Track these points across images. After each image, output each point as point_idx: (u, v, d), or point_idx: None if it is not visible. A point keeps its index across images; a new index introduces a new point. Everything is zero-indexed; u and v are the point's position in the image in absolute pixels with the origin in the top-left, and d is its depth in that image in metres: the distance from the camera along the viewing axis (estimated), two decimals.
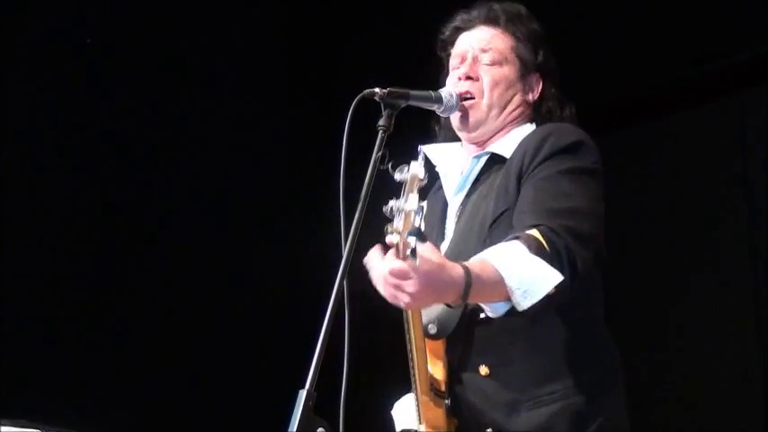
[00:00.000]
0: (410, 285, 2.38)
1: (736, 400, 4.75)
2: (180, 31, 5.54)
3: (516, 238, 2.60)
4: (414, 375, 2.71)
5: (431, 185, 3.04)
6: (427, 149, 3.02)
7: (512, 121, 2.96)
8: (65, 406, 4.66)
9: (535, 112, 2.98)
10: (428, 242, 2.41)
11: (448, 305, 2.61)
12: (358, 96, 2.72)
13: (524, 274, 2.54)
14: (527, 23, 3.00)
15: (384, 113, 2.72)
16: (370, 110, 2.74)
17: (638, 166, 5.04)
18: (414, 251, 2.31)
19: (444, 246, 2.88)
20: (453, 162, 3.01)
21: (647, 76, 5.03)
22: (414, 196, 2.28)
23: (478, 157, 2.93)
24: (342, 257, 2.54)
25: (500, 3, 3.02)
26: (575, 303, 2.69)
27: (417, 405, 2.75)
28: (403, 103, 2.76)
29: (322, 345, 2.43)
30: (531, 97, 2.98)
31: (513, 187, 2.76)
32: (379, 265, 2.41)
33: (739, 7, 4.74)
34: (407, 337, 2.67)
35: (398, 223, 2.29)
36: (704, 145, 4.98)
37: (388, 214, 2.31)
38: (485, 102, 2.94)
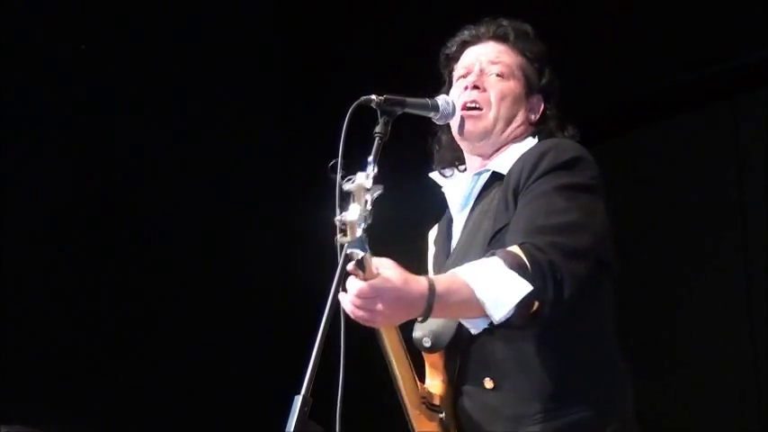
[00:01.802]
0: (377, 304, 2.43)
1: (731, 416, 4.76)
2: (174, 35, 5.55)
3: (493, 254, 2.60)
4: (399, 389, 2.71)
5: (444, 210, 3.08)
6: (433, 176, 3.04)
7: (514, 139, 2.94)
8: (62, 411, 4.66)
9: (537, 132, 2.96)
10: (386, 259, 2.46)
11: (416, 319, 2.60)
12: (354, 103, 2.72)
13: (493, 285, 2.53)
14: (534, 43, 3.00)
15: (380, 120, 2.73)
16: (366, 117, 2.74)
17: (633, 171, 5.05)
18: (360, 262, 2.35)
19: (448, 262, 2.88)
20: (457, 181, 3.01)
21: (641, 83, 5.04)
22: (356, 207, 2.30)
23: (479, 174, 2.92)
24: (337, 264, 2.54)
25: (508, 20, 3.01)
26: (580, 317, 2.69)
27: (408, 420, 2.73)
28: (399, 111, 2.76)
29: (318, 350, 2.43)
30: (533, 117, 2.97)
31: (511, 202, 2.75)
32: (344, 294, 2.45)
33: (734, 13, 4.75)
34: (384, 351, 2.67)
35: (347, 234, 2.32)
36: (699, 150, 4.99)
37: (339, 226, 2.33)
38: (492, 114, 2.92)
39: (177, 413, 5.26)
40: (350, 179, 2.36)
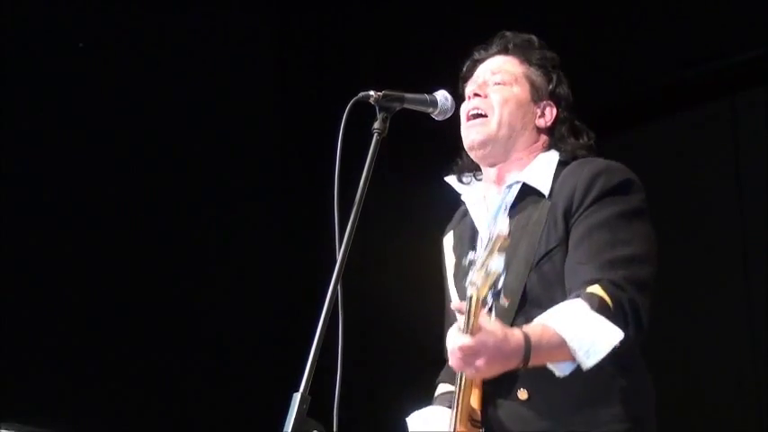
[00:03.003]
0: (479, 360, 2.49)
1: (728, 409, 4.76)
2: (169, 34, 5.54)
3: (578, 296, 2.64)
4: (457, 405, 2.71)
5: (463, 213, 3.07)
6: (450, 180, 3.04)
7: (527, 147, 2.94)
8: (61, 410, 4.66)
9: (551, 139, 2.96)
10: (485, 314, 2.52)
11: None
12: (353, 100, 2.71)
13: (586, 334, 2.59)
14: (538, 50, 3.01)
15: (379, 117, 2.72)
16: (364, 113, 2.74)
17: (631, 168, 5.03)
18: (490, 310, 2.49)
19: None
20: (476, 191, 3.01)
21: (639, 79, 5.04)
22: (500, 257, 2.40)
23: (510, 186, 2.91)
24: (336, 261, 2.54)
25: (513, 32, 3.03)
26: None
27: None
28: (398, 107, 2.75)
29: (316, 348, 2.43)
30: (543, 123, 2.96)
31: (561, 225, 2.78)
32: (450, 338, 2.51)
33: (732, 10, 4.75)
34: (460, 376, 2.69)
35: (478, 278, 2.43)
36: (697, 147, 4.99)
37: (466, 265, 2.45)
38: (495, 119, 2.92)
39: (176, 411, 5.25)
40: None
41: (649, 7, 4.96)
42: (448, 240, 3.08)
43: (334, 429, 2.57)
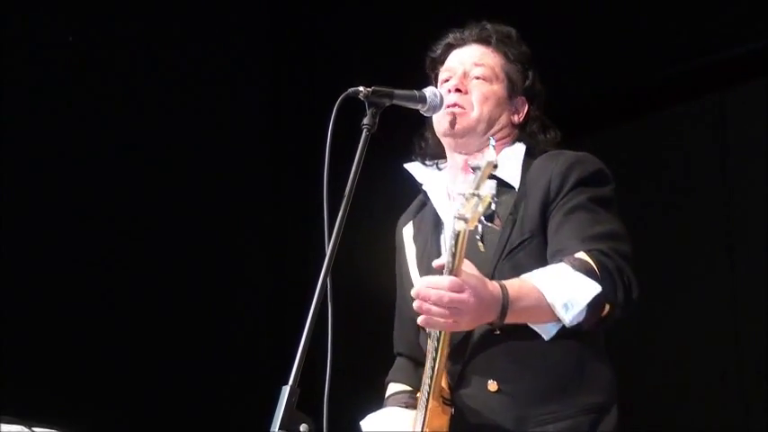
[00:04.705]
0: (466, 300, 2.49)
1: (712, 401, 4.78)
2: (162, 28, 5.54)
3: (561, 260, 2.67)
4: (430, 380, 2.73)
5: (421, 203, 3.08)
6: (410, 167, 3.06)
7: (499, 141, 2.94)
8: (52, 405, 4.66)
9: (521, 133, 3.00)
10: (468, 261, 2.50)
11: (489, 324, 2.65)
12: (342, 95, 2.73)
13: (562, 287, 2.61)
14: (518, 45, 3.03)
15: (368, 112, 2.73)
16: (354, 109, 2.75)
17: (619, 165, 5.04)
18: (482, 237, 2.44)
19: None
20: (438, 180, 3.03)
21: (628, 76, 5.05)
22: (490, 182, 2.35)
23: None
24: (325, 255, 2.55)
25: (492, 24, 3.04)
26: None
27: (425, 411, 2.76)
28: (387, 102, 2.76)
29: (305, 342, 2.44)
30: (516, 119, 3.00)
31: (537, 215, 2.81)
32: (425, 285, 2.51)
33: (721, 6, 4.77)
34: (437, 341, 2.68)
35: (467, 210, 2.37)
36: (685, 144, 5.00)
37: (457, 198, 2.39)
38: (474, 114, 2.94)
39: (165, 408, 5.24)
40: (474, 155, 2.46)
41: (638, 3, 4.97)
42: (408, 230, 3.09)
43: (324, 422, 2.58)
